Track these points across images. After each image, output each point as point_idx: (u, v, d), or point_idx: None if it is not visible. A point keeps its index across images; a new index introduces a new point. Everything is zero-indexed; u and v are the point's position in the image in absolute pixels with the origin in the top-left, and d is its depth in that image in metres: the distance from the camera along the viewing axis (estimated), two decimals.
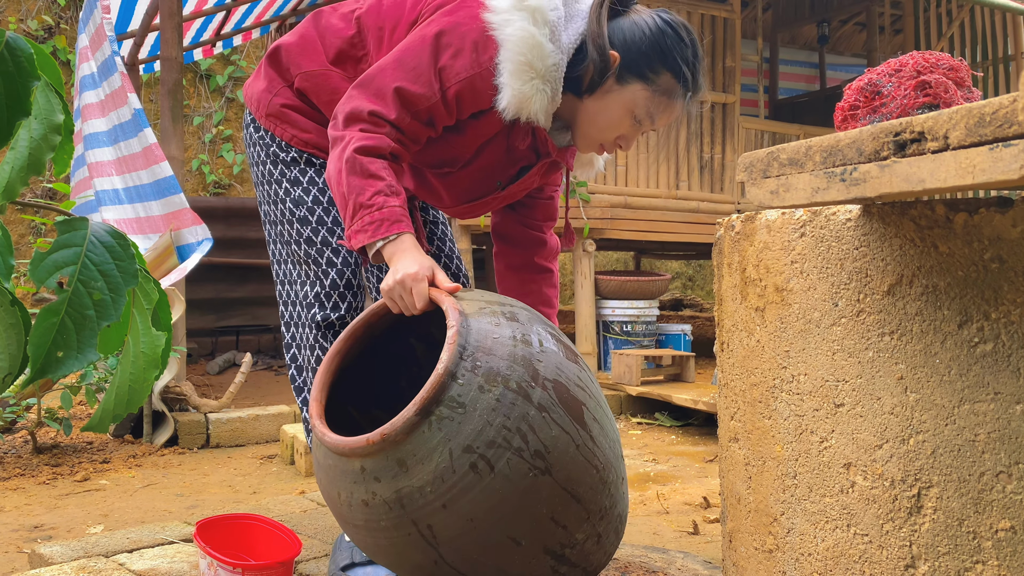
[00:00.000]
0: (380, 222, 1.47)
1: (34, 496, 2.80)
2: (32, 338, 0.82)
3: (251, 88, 1.78)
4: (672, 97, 1.57)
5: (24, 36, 0.82)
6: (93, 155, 3.68)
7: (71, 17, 7.40)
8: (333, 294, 1.68)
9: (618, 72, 1.55)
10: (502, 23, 1.50)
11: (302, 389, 1.79)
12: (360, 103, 1.52)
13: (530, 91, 1.51)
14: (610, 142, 1.62)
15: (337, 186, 1.50)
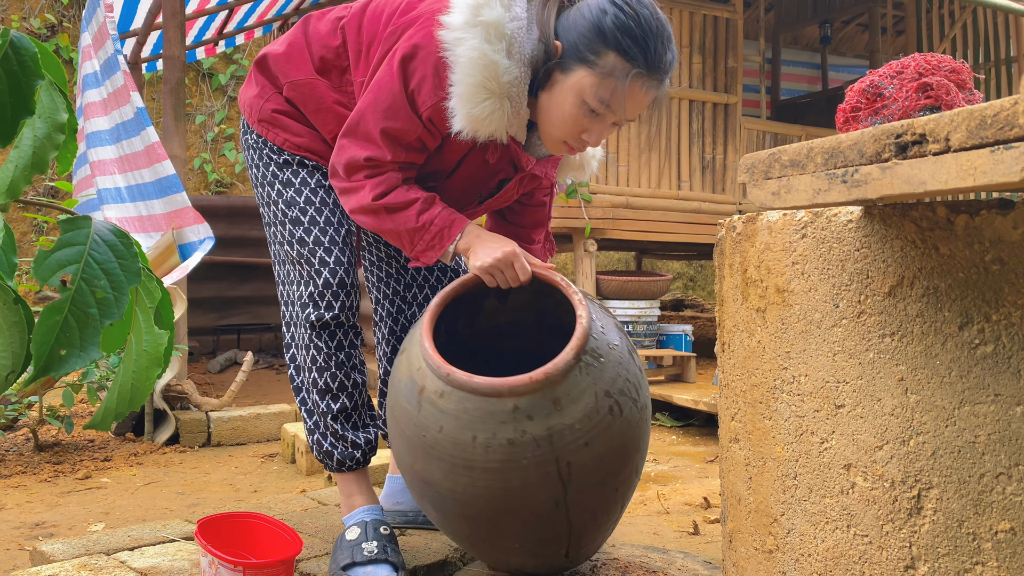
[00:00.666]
0: (439, 233, 1.54)
1: (35, 494, 2.81)
2: (35, 336, 0.82)
3: (244, 94, 1.80)
4: (621, 78, 1.46)
5: (27, 34, 0.83)
6: (95, 153, 3.69)
7: (74, 15, 7.41)
8: (326, 293, 1.67)
9: (561, 61, 1.49)
10: (453, 42, 1.47)
11: (300, 389, 1.79)
12: (354, 152, 1.55)
13: (484, 112, 1.48)
14: (574, 138, 1.55)
15: (380, 228, 1.57)
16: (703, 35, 5.46)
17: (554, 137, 1.57)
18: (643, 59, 1.46)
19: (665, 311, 8.01)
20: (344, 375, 1.71)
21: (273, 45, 1.78)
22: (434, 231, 1.54)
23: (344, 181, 1.60)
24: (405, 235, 1.55)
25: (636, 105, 1.51)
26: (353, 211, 1.59)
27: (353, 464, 1.74)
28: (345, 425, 1.73)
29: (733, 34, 5.56)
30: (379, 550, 1.60)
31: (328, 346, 1.69)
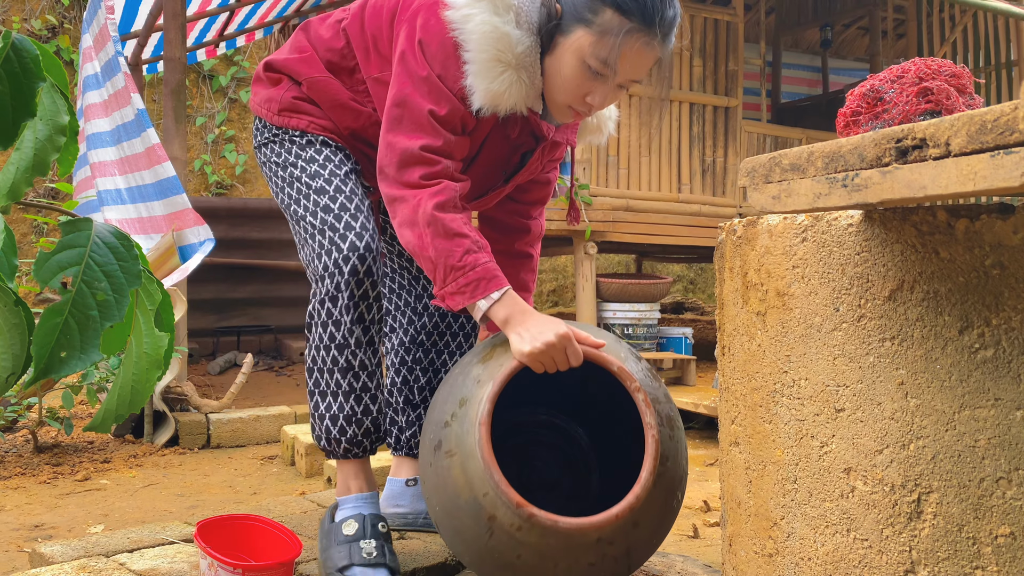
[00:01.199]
0: (477, 282, 1.46)
1: (35, 495, 2.80)
2: (36, 338, 0.82)
3: (258, 96, 1.77)
4: (619, 35, 1.43)
5: (28, 36, 0.83)
6: (96, 155, 3.69)
7: (75, 17, 7.42)
8: (352, 257, 1.58)
9: (561, 23, 1.48)
10: (462, 20, 1.46)
11: (313, 370, 1.69)
12: (405, 143, 1.49)
13: (502, 86, 1.47)
14: (579, 101, 1.53)
15: (420, 251, 1.47)
16: (704, 38, 5.46)
17: (559, 102, 1.55)
18: (640, 14, 1.43)
19: (665, 314, 8.01)
20: (365, 355, 1.64)
21: (278, 53, 1.76)
22: (472, 277, 1.46)
23: (397, 186, 1.51)
24: (441, 268, 1.46)
25: (637, 65, 1.48)
26: (404, 223, 1.50)
27: (360, 452, 1.67)
28: (363, 404, 1.66)
29: (734, 37, 5.57)
30: (378, 552, 1.57)
31: (347, 319, 1.61)
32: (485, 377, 1.44)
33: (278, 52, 1.77)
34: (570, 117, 1.58)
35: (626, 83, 1.51)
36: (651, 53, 1.48)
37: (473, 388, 1.45)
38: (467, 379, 1.48)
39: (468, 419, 1.41)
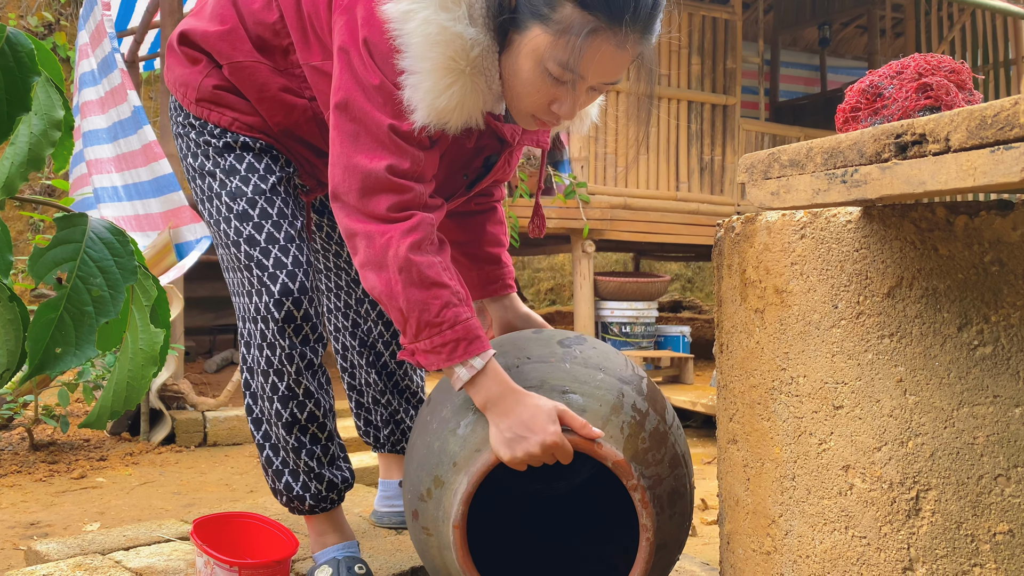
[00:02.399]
0: (456, 343, 1.23)
1: (30, 493, 2.80)
2: (30, 334, 0.82)
3: (173, 72, 1.50)
4: (581, 35, 1.16)
5: (24, 32, 0.82)
6: (92, 152, 3.68)
7: (71, 14, 7.40)
8: (285, 302, 1.39)
9: (517, 16, 1.20)
10: (400, 17, 1.19)
11: (261, 421, 1.52)
12: (367, 165, 1.23)
13: (452, 100, 1.21)
14: (543, 110, 1.27)
15: (388, 299, 1.24)
16: (702, 36, 5.46)
17: (521, 110, 1.29)
18: (605, 8, 1.15)
19: (663, 312, 8.01)
20: (314, 404, 1.47)
21: (197, 21, 1.47)
22: (451, 337, 1.22)
23: (359, 218, 1.24)
24: (414, 322, 1.23)
25: (608, 68, 1.21)
26: (369, 264, 1.25)
27: (328, 505, 1.54)
28: (322, 461, 1.50)
29: (732, 35, 5.57)
30: None
31: (290, 368, 1.43)
32: (462, 460, 1.29)
33: (195, 15, 1.49)
34: (535, 126, 1.33)
35: (599, 86, 1.26)
36: (624, 53, 1.21)
37: (448, 470, 1.30)
38: (444, 449, 1.32)
39: (443, 508, 1.29)
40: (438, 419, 1.36)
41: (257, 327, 1.43)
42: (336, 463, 1.53)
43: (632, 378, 1.39)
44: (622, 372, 1.38)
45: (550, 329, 1.54)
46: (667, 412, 1.41)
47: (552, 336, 1.44)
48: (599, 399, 1.31)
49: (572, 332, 1.48)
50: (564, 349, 1.39)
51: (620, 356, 1.45)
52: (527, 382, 1.31)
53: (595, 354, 1.39)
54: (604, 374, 1.35)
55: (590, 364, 1.36)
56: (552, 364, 1.35)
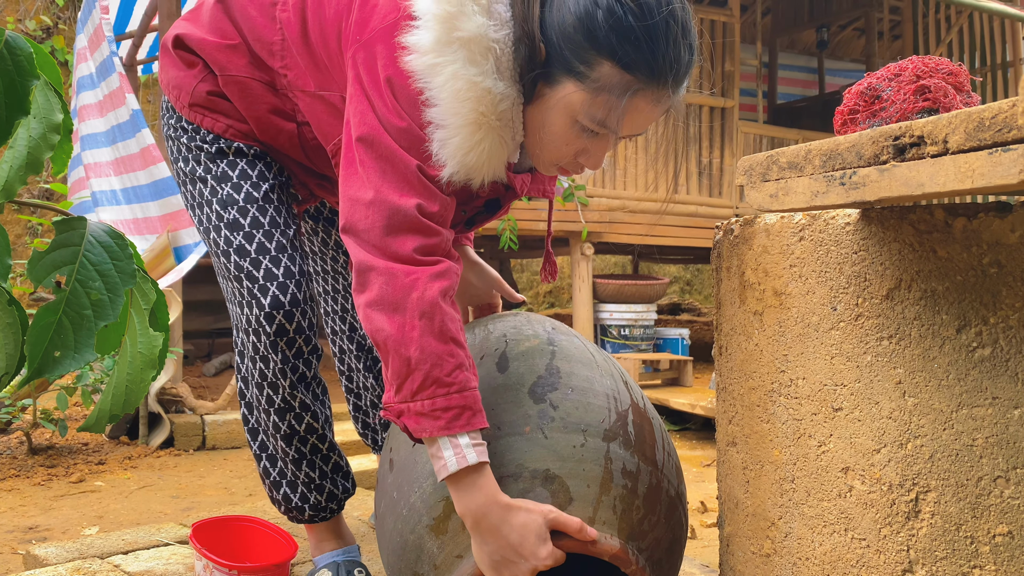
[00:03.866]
0: (460, 410, 1.12)
1: (29, 497, 2.79)
2: (29, 337, 0.82)
3: (167, 74, 1.46)
4: (619, 94, 1.11)
5: (23, 36, 0.82)
6: (91, 155, 3.68)
7: (69, 17, 7.40)
8: (276, 315, 1.35)
9: (545, 70, 1.14)
10: (427, 71, 1.13)
11: (257, 432, 1.50)
12: (396, 199, 1.14)
13: (482, 156, 1.16)
14: (568, 160, 1.23)
15: (397, 345, 1.12)
16: (700, 39, 5.48)
17: (544, 158, 1.24)
18: (647, 70, 1.11)
19: (662, 315, 8.01)
20: (311, 416, 1.44)
21: (194, 27, 1.43)
22: (456, 402, 1.11)
23: (378, 255, 1.14)
24: (420, 376, 1.12)
25: (642, 122, 1.18)
26: (381, 304, 1.13)
27: (328, 514, 1.51)
28: (324, 471, 1.48)
29: (730, 38, 5.58)
30: None
31: (284, 382, 1.40)
32: (442, 564, 1.20)
33: (192, 21, 1.45)
34: (556, 172, 1.28)
35: (627, 137, 1.22)
36: (659, 108, 1.17)
37: (429, 571, 1.22)
38: (421, 546, 1.23)
39: None
40: (407, 503, 1.25)
41: (249, 339, 1.39)
42: (337, 472, 1.51)
43: (617, 426, 1.25)
44: (605, 420, 1.25)
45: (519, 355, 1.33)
46: (657, 446, 1.31)
47: (522, 377, 1.28)
48: (586, 477, 1.20)
49: (542, 357, 1.30)
50: (539, 405, 1.23)
51: (600, 385, 1.29)
52: (504, 469, 1.18)
53: (573, 403, 1.25)
54: (586, 436, 1.22)
55: (570, 424, 1.22)
56: (528, 437, 1.21)
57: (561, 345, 1.34)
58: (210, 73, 1.41)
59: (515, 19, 1.14)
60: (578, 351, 1.34)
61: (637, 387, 1.41)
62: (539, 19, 1.13)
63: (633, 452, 1.25)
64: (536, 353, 1.31)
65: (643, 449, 1.27)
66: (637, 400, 1.33)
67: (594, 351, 1.38)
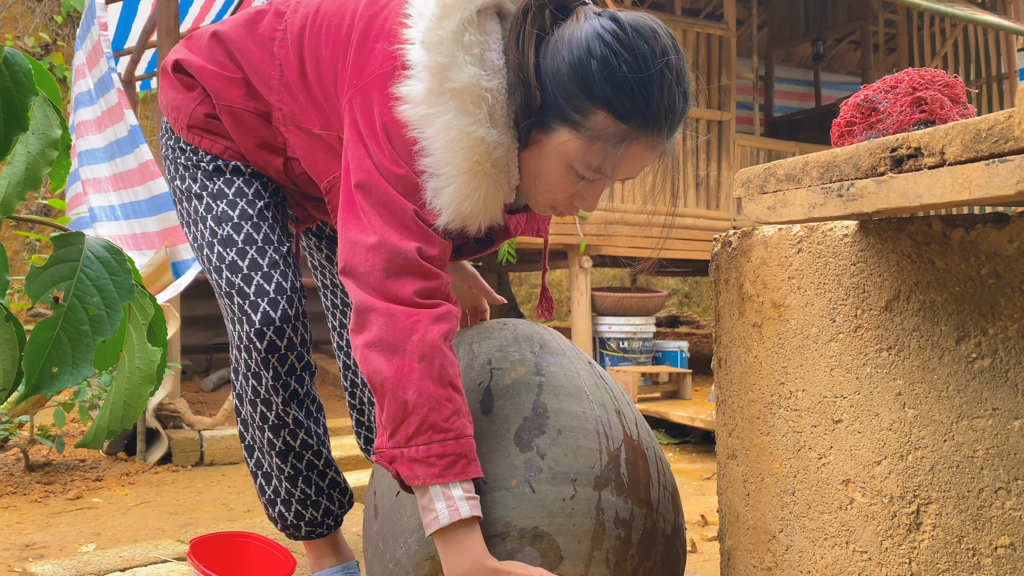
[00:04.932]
0: (456, 458, 1.09)
1: (26, 514, 2.78)
2: (27, 353, 0.82)
3: (166, 95, 1.48)
4: (614, 143, 1.12)
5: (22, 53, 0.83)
6: (89, 171, 3.69)
7: (68, 34, 7.43)
8: (267, 332, 1.33)
9: (539, 116, 1.14)
10: (419, 121, 1.13)
11: (253, 448, 1.47)
12: (397, 241, 1.14)
13: (477, 204, 1.16)
14: (563, 203, 1.23)
15: (395, 388, 1.10)
16: (696, 53, 5.49)
17: (539, 200, 1.25)
18: (642, 119, 1.11)
19: (660, 327, 8.01)
20: (305, 432, 1.42)
21: (192, 54, 1.44)
22: (452, 449, 1.09)
23: (377, 296, 1.13)
24: (416, 420, 1.10)
25: (637, 167, 1.19)
26: (381, 345, 1.12)
27: (325, 530, 1.50)
28: (320, 487, 1.46)
29: (726, 52, 5.60)
30: None
31: (277, 399, 1.38)
32: None
33: (191, 48, 1.46)
34: (551, 213, 1.29)
35: (610, 184, 1.23)
36: (653, 153, 1.17)
37: None
38: None
39: None
40: (392, 558, 1.22)
41: (242, 356, 1.38)
42: (334, 488, 1.50)
43: (609, 470, 1.20)
44: (596, 464, 1.20)
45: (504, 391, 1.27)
46: (652, 483, 1.25)
47: (507, 420, 1.23)
48: (577, 532, 1.15)
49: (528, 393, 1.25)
50: (526, 454, 1.18)
51: (591, 421, 1.24)
52: (491, 527, 1.14)
53: (562, 448, 1.19)
54: (576, 486, 1.17)
55: (559, 474, 1.17)
56: (514, 492, 1.16)
57: (549, 374, 1.29)
58: (208, 97, 1.42)
59: (509, 66, 1.14)
60: (567, 379, 1.30)
61: (632, 410, 1.36)
62: (534, 66, 1.13)
63: (626, 497, 1.20)
64: (522, 388, 1.26)
65: (637, 491, 1.22)
66: (631, 431, 1.29)
67: (585, 375, 1.33)
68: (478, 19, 1.13)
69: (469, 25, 1.12)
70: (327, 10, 1.33)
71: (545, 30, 1.14)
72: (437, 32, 1.11)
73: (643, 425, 1.35)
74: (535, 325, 1.46)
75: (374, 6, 1.27)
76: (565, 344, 1.43)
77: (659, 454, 1.33)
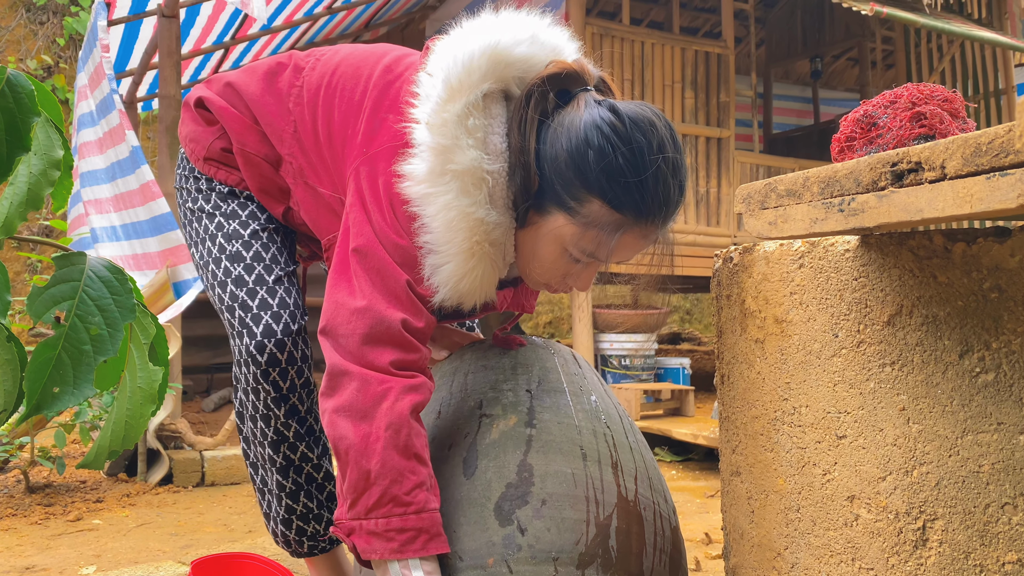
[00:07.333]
0: (416, 533, 1.09)
1: (26, 536, 2.76)
2: (28, 373, 0.81)
3: (186, 127, 1.53)
4: (609, 231, 1.13)
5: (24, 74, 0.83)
6: (91, 192, 3.70)
7: (70, 56, 7.47)
8: (267, 344, 1.33)
9: (537, 199, 1.16)
10: (421, 200, 1.15)
11: (257, 465, 1.47)
12: (384, 310, 1.15)
13: (474, 282, 1.18)
14: (557, 281, 1.24)
15: (358, 456, 1.10)
16: (695, 70, 5.52)
17: (533, 279, 1.26)
18: (635, 210, 1.12)
19: (662, 344, 7.99)
20: (306, 446, 1.42)
21: (213, 94, 1.48)
22: (413, 524, 1.09)
23: (352, 361, 1.14)
24: (377, 492, 1.09)
25: (630, 253, 1.20)
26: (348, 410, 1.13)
27: (327, 545, 1.49)
28: (321, 501, 1.46)
29: (725, 69, 5.62)
30: None
31: (278, 412, 1.38)
32: None
33: (213, 87, 1.51)
34: (544, 289, 1.30)
35: (603, 266, 1.25)
36: (647, 241, 1.19)
37: None
38: None
39: None
40: None
41: (242, 371, 1.38)
42: (333, 501, 1.48)
43: (595, 544, 1.15)
44: (582, 540, 1.14)
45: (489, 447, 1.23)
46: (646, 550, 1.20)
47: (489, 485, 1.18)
48: None
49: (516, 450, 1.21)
50: (505, 529, 1.13)
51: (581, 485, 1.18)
52: None
53: (545, 523, 1.14)
54: (557, 566, 1.12)
55: (539, 552, 1.12)
56: (490, 572, 1.12)
57: (541, 424, 1.24)
58: (225, 134, 1.46)
59: (511, 150, 1.16)
60: (561, 429, 1.24)
61: (634, 456, 1.29)
62: (534, 151, 1.15)
63: (614, 573, 1.15)
64: (510, 443, 1.22)
65: (627, 564, 1.17)
66: (627, 489, 1.23)
67: (583, 421, 1.27)
68: (484, 103, 1.15)
69: (474, 109, 1.14)
70: (344, 72, 1.36)
71: (547, 115, 1.16)
72: (442, 115, 1.13)
73: (645, 474, 1.28)
74: (539, 347, 1.43)
75: (388, 75, 1.30)
76: (569, 370, 1.37)
77: (660, 510, 1.27)
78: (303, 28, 5.52)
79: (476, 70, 1.13)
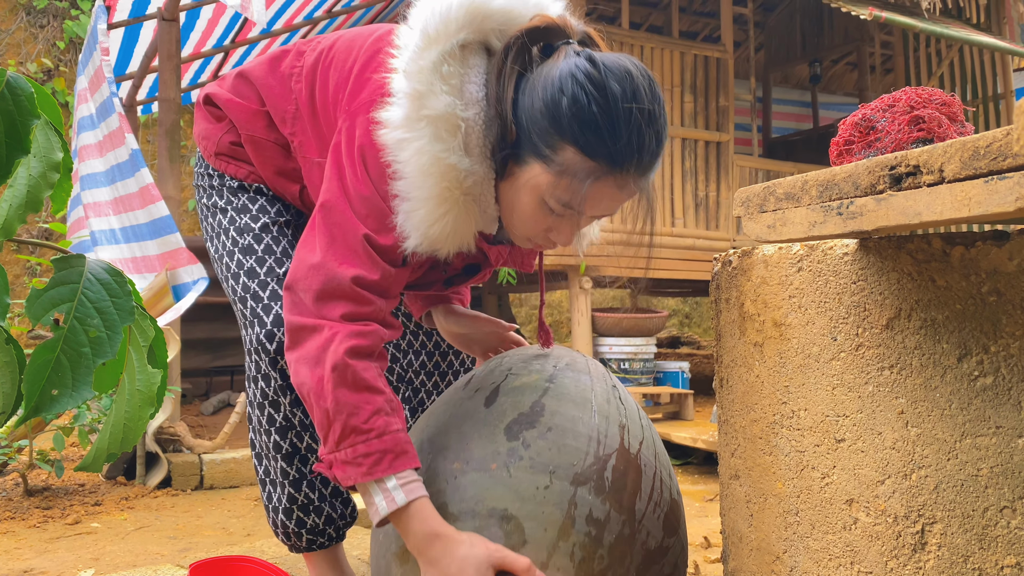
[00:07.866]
0: (380, 455, 1.16)
1: (24, 540, 2.76)
2: (27, 376, 0.81)
3: (198, 126, 1.59)
4: (584, 180, 1.15)
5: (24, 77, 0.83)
6: (90, 195, 3.70)
7: (70, 60, 7.48)
8: (277, 333, 1.36)
9: (514, 150, 1.19)
10: (395, 146, 1.18)
11: (262, 457, 1.49)
12: (335, 268, 1.21)
13: (445, 228, 1.20)
14: (540, 236, 1.26)
15: (316, 398, 1.18)
16: (694, 75, 5.53)
17: (517, 233, 1.29)
18: (608, 157, 1.14)
19: (661, 348, 8.00)
20: (310, 436, 1.44)
21: (221, 88, 1.55)
22: (376, 447, 1.15)
23: (308, 315, 1.21)
24: (339, 426, 1.16)
25: (607, 206, 1.21)
26: (305, 359, 1.20)
27: (327, 540, 1.50)
28: (323, 493, 1.47)
29: (724, 73, 5.63)
30: None
31: (285, 400, 1.40)
32: None
33: (221, 84, 1.57)
34: (531, 247, 1.33)
35: (595, 217, 1.28)
36: (624, 193, 1.20)
37: None
38: (389, 572, 1.27)
39: None
40: (382, 530, 1.32)
41: (252, 360, 1.40)
42: (336, 496, 1.49)
43: (591, 470, 1.22)
44: (579, 464, 1.22)
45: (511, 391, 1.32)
46: (640, 495, 1.25)
47: (504, 413, 1.27)
48: (544, 521, 1.17)
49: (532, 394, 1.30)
50: (511, 443, 1.23)
51: (586, 427, 1.26)
52: (463, 504, 1.19)
53: (548, 443, 1.23)
54: (554, 478, 1.19)
55: (538, 464, 1.20)
56: (492, 474, 1.20)
57: (560, 383, 1.32)
58: (234, 127, 1.52)
59: (488, 99, 1.19)
60: (577, 390, 1.32)
61: (644, 431, 1.35)
62: (512, 102, 1.18)
63: (605, 499, 1.21)
64: (528, 390, 1.31)
65: (619, 497, 1.22)
66: (630, 445, 1.29)
67: (600, 391, 1.34)
68: (461, 53, 1.19)
69: (450, 58, 1.17)
70: (339, 47, 1.41)
71: (527, 68, 1.19)
72: (418, 62, 1.18)
73: (651, 448, 1.34)
74: (572, 353, 1.49)
75: (380, 42, 1.34)
76: (596, 370, 1.43)
77: (661, 476, 1.32)
78: (303, 32, 5.53)
79: (453, 21, 1.17)
